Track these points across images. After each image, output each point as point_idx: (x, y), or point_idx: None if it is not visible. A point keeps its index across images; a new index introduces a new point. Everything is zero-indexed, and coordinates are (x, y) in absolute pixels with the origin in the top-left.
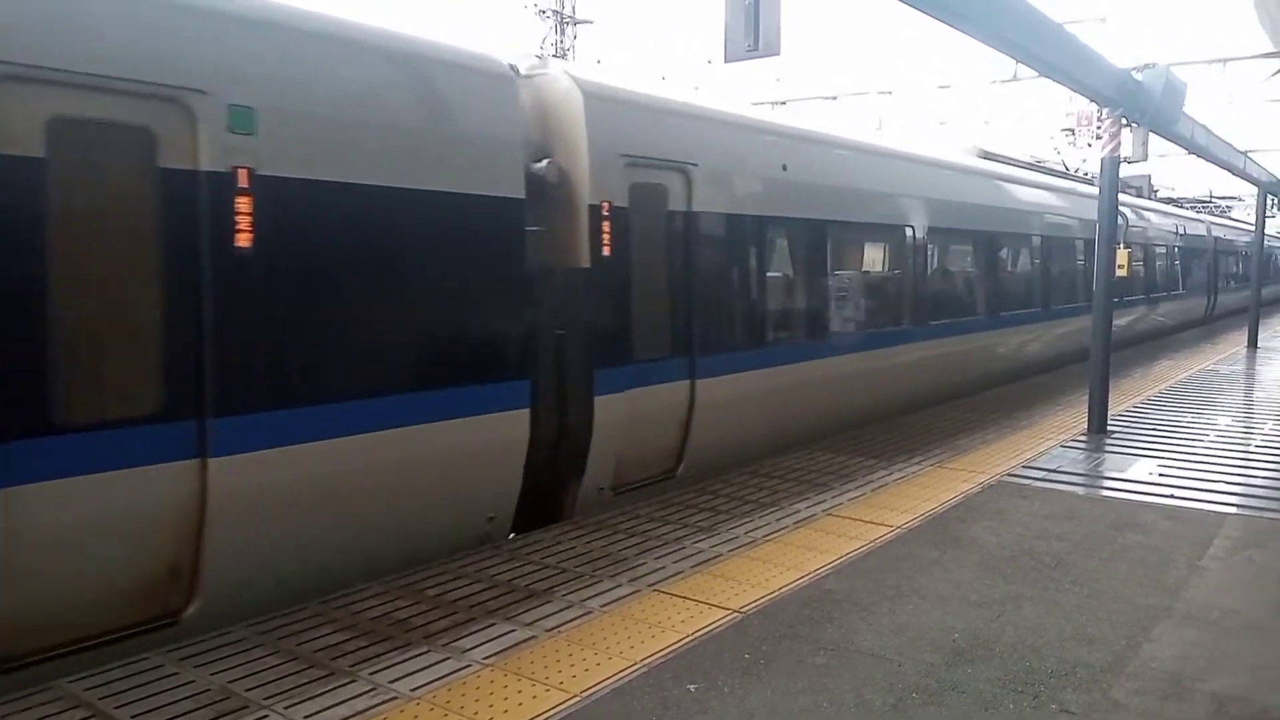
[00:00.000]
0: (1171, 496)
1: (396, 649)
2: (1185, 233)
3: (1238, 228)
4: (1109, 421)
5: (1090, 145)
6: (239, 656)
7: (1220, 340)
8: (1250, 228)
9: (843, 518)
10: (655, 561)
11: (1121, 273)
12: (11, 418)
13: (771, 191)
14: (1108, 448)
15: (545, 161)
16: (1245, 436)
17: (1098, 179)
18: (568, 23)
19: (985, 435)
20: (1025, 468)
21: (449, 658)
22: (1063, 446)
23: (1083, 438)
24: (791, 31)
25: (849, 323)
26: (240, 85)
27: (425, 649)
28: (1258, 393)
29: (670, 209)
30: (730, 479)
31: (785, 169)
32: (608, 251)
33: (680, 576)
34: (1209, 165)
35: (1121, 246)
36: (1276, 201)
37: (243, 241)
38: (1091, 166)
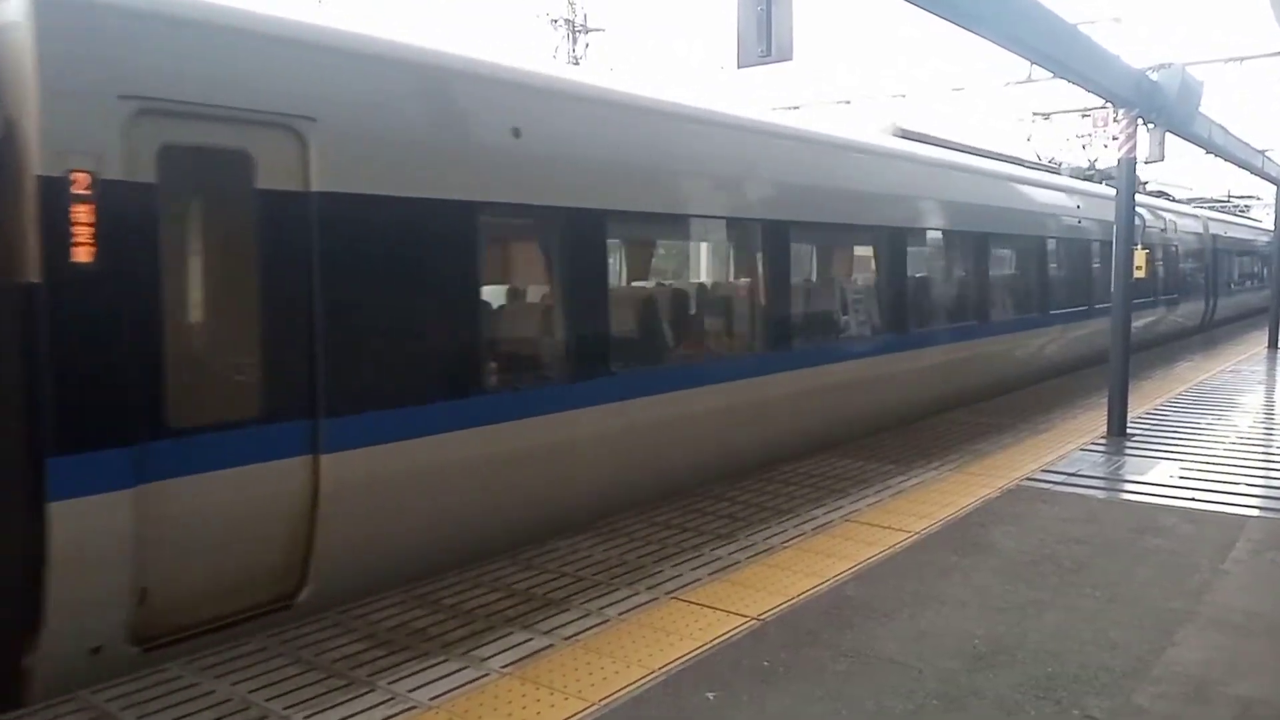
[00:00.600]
0: (1193, 499)
1: (415, 658)
2: (1174, 230)
3: (1242, 224)
4: (1128, 424)
5: (1107, 146)
6: (258, 666)
7: (1241, 341)
8: (1254, 223)
9: (861, 523)
10: (673, 569)
11: (1139, 274)
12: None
13: (490, 166)
14: (1128, 451)
15: None
16: (1266, 438)
17: (1073, 170)
18: (579, 31)
19: (1003, 439)
20: (1045, 471)
21: (467, 666)
22: (1082, 450)
23: (1102, 441)
24: (806, 36)
25: (628, 356)
26: None
27: (443, 658)
28: (1279, 394)
29: (262, 188)
30: (747, 485)
31: (518, 134)
32: (84, 256)
33: (698, 584)
34: (1227, 165)
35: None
36: None
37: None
38: (1096, 164)
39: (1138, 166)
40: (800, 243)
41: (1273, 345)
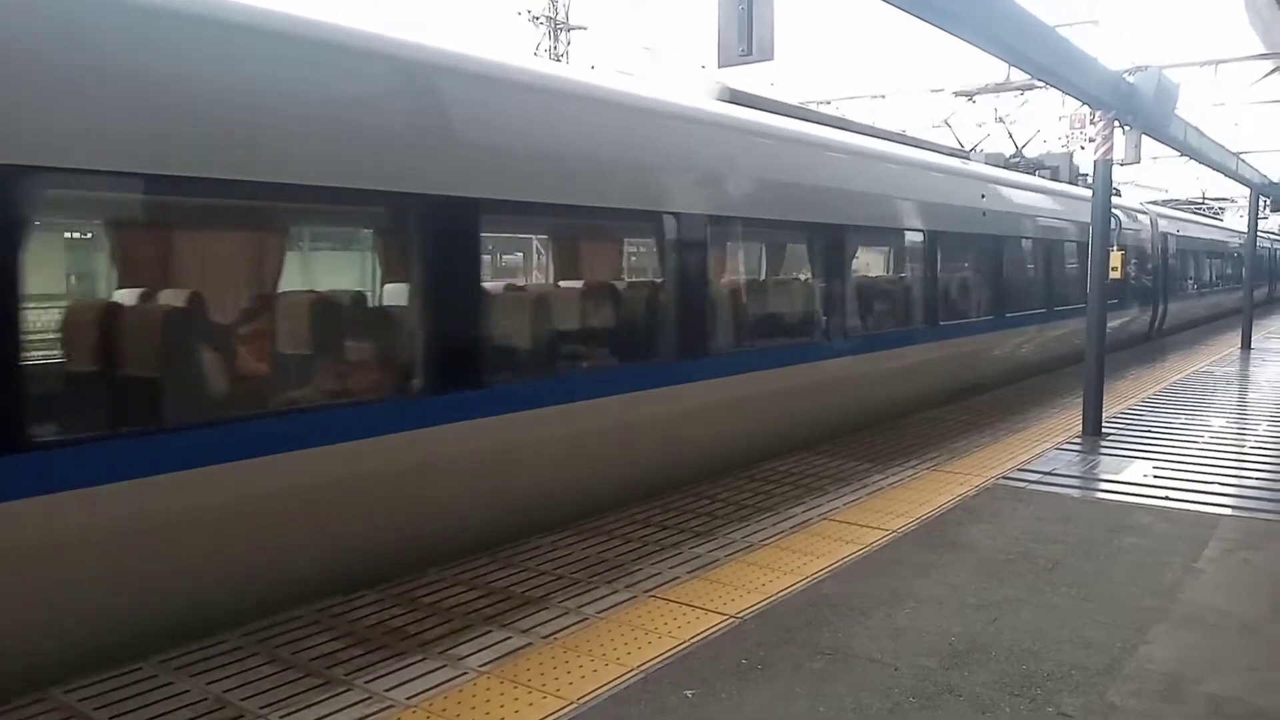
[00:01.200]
0: (1167, 498)
1: (392, 656)
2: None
3: (1199, 223)
4: (1104, 423)
5: (1083, 148)
6: (234, 665)
7: (1214, 342)
8: (1216, 222)
9: (839, 522)
10: (652, 567)
11: (1115, 275)
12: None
13: None
14: (1103, 450)
15: None
16: (1239, 438)
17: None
18: (561, 29)
19: (980, 438)
20: (1021, 470)
21: (445, 665)
22: (1058, 449)
23: (1078, 440)
24: (786, 36)
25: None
26: None
27: (421, 656)
28: (1251, 394)
29: None
30: (727, 484)
31: None
32: None
33: (677, 582)
34: (1202, 167)
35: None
36: (1269, 203)
37: None
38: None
39: (1112, 167)
40: (555, 236)
41: (1245, 345)
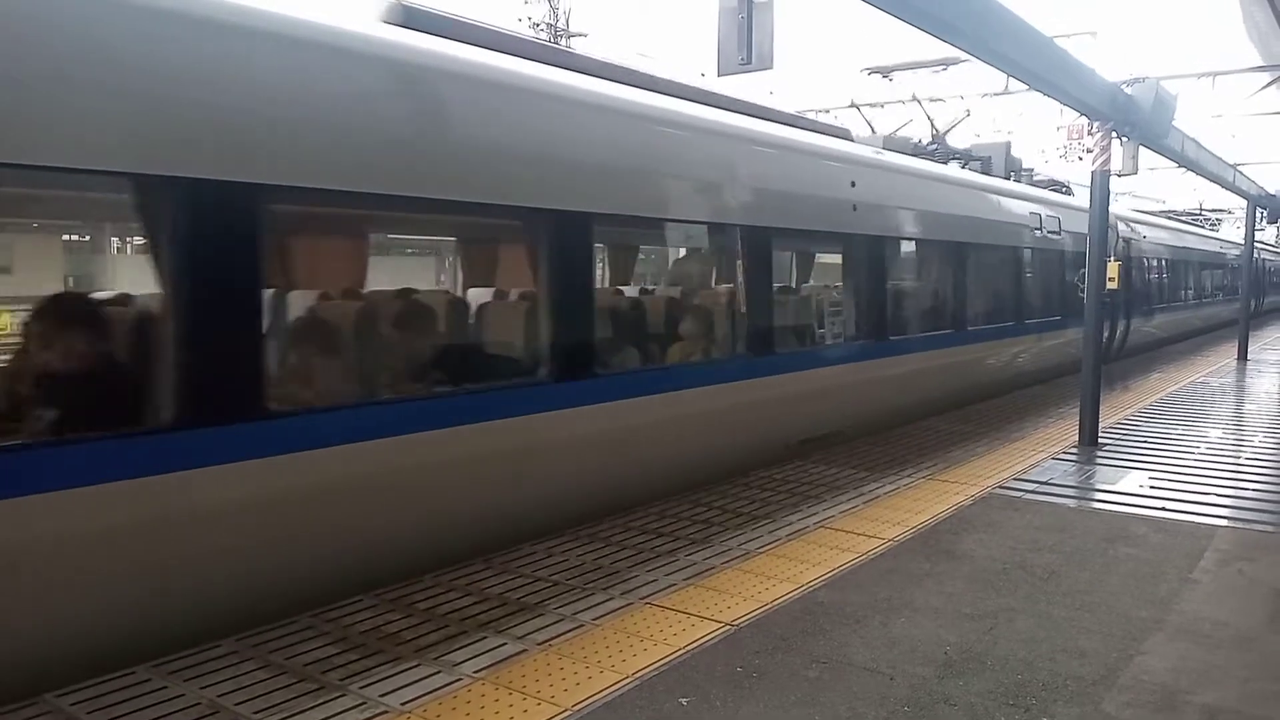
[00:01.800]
0: (1163, 509)
1: (387, 662)
2: (1052, 229)
3: (1172, 228)
4: (1100, 434)
5: (1081, 159)
6: (228, 670)
7: (1210, 353)
8: (1193, 228)
9: (835, 530)
10: (647, 574)
11: (1111, 285)
12: None
13: None
14: (1099, 460)
15: None
16: (1236, 449)
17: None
18: (561, 35)
19: (976, 447)
20: (1017, 480)
21: (439, 671)
22: (1054, 459)
23: (1074, 450)
24: (786, 44)
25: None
26: None
27: (416, 662)
28: (1248, 405)
29: None
30: (724, 491)
31: None
32: None
33: (672, 589)
34: (1199, 179)
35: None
36: (1266, 215)
37: None
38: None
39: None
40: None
41: (1242, 357)
